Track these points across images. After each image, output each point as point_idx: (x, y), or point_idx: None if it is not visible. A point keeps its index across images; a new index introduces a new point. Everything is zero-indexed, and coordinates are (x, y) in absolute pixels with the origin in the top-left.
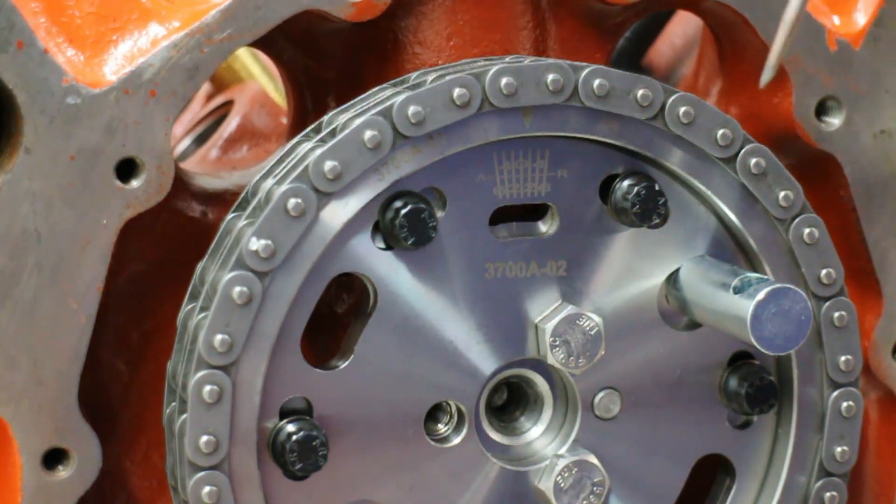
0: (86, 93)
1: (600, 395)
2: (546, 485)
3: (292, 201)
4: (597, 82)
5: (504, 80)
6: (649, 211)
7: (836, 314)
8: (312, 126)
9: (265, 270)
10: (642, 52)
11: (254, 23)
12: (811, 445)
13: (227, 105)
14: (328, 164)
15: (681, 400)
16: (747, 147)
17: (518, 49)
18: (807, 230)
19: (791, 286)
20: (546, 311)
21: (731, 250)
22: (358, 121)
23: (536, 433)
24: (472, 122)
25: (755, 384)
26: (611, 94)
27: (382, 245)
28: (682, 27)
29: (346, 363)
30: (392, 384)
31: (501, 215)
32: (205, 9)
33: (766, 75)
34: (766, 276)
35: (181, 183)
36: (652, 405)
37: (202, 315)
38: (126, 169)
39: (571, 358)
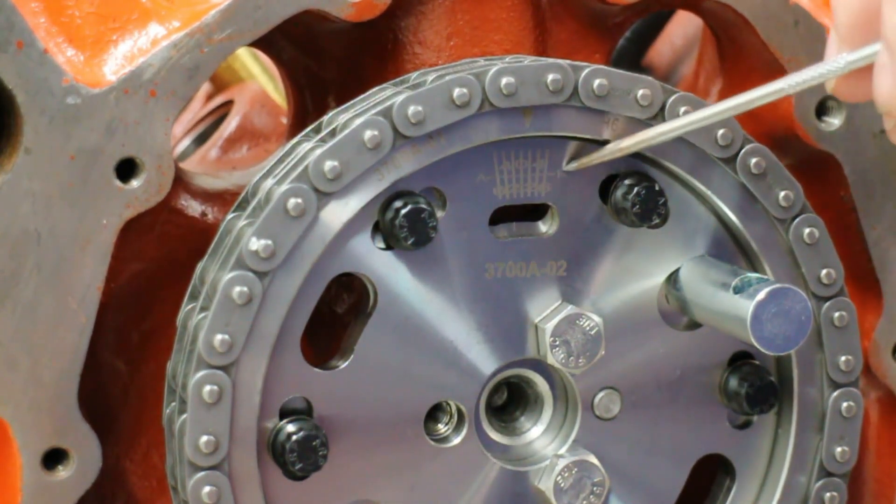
0: (86, 93)
1: (600, 395)
2: (546, 485)
3: (292, 201)
4: (597, 82)
5: (504, 80)
6: (649, 211)
7: (836, 314)
8: (312, 126)
9: (265, 270)
10: (642, 52)
11: (254, 23)
12: (811, 445)
13: (227, 105)
14: (328, 164)
15: (681, 400)
16: (747, 147)
17: (518, 49)
18: (807, 230)
19: (791, 286)
20: (546, 311)
21: (731, 250)
22: (358, 121)
23: (536, 433)
24: (472, 122)
25: (755, 384)
26: (611, 94)
27: (382, 245)
28: (682, 27)
29: (346, 363)
30: (392, 384)
31: (501, 215)
32: (205, 9)
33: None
34: (766, 276)
35: (181, 183)
36: (652, 405)
37: (202, 315)
38: (126, 169)
39: (571, 358)
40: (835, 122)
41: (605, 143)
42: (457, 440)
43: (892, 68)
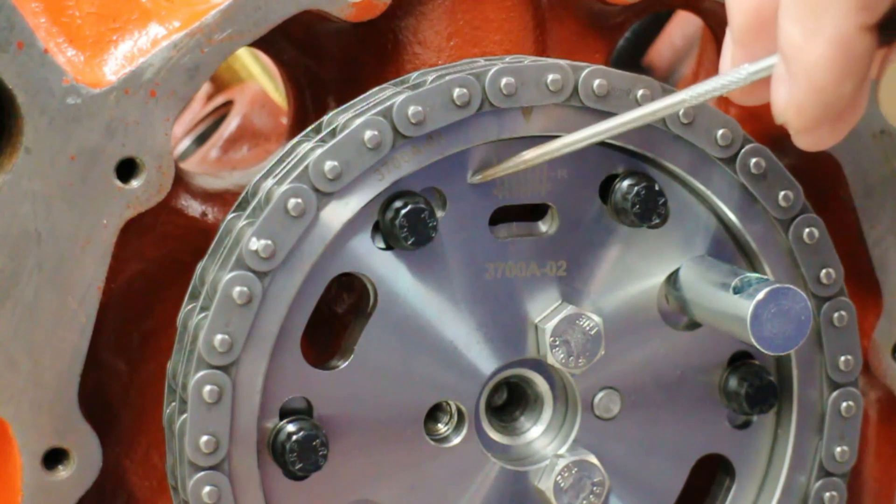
0: (86, 93)
1: (600, 395)
2: (546, 485)
3: (292, 201)
4: (597, 82)
5: (504, 80)
6: (649, 211)
7: (836, 314)
8: (312, 126)
9: (265, 270)
10: (642, 52)
11: (254, 23)
12: (811, 445)
13: (227, 105)
14: (328, 164)
15: (681, 400)
16: (747, 147)
17: (518, 49)
18: (807, 230)
19: (791, 286)
20: (546, 311)
21: (731, 250)
22: (358, 121)
23: (536, 433)
24: (472, 122)
25: (755, 384)
26: (611, 94)
27: (382, 245)
28: (682, 27)
29: (346, 363)
30: (392, 384)
31: (501, 215)
32: (205, 9)
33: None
34: (765, 276)
35: (181, 183)
36: (652, 405)
37: (202, 315)
38: (126, 169)
39: (571, 358)
40: None
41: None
42: (457, 440)
43: (787, 80)
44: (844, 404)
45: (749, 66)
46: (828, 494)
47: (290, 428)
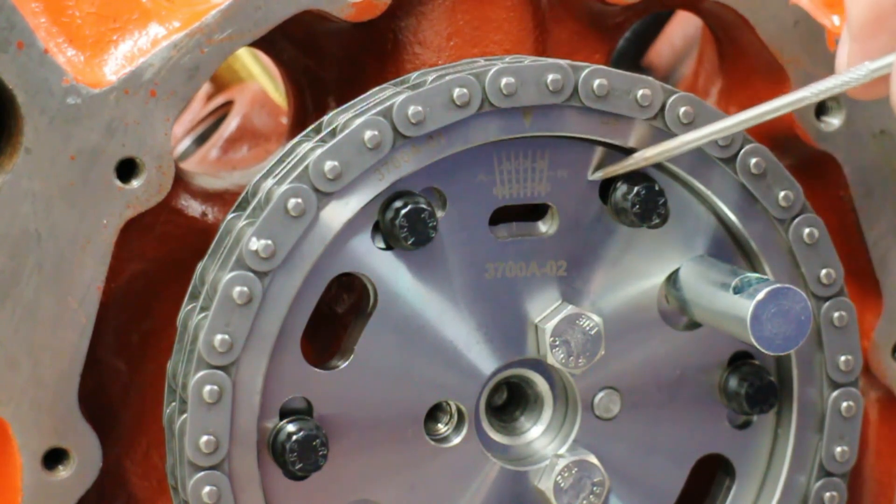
0: (86, 93)
1: (600, 395)
2: (546, 485)
3: (292, 201)
4: (597, 82)
5: (504, 80)
6: (649, 211)
7: (836, 314)
8: (312, 126)
9: (265, 270)
10: (642, 52)
11: (254, 23)
12: (811, 445)
13: (228, 105)
14: (328, 164)
15: (681, 400)
16: (747, 147)
17: (518, 49)
18: (807, 230)
19: (791, 286)
20: (546, 311)
21: (731, 250)
22: (358, 121)
23: (536, 433)
24: (472, 122)
25: (755, 384)
26: (611, 94)
27: (382, 245)
28: (682, 27)
29: (346, 363)
30: (392, 384)
31: (501, 215)
32: (205, 9)
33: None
34: (765, 276)
35: (181, 183)
36: (652, 405)
37: (202, 315)
38: (126, 169)
39: (571, 358)
40: (834, 122)
41: (629, 151)
42: (457, 440)
43: None
44: (844, 404)
45: (870, 64)
46: (828, 494)
47: (290, 428)
